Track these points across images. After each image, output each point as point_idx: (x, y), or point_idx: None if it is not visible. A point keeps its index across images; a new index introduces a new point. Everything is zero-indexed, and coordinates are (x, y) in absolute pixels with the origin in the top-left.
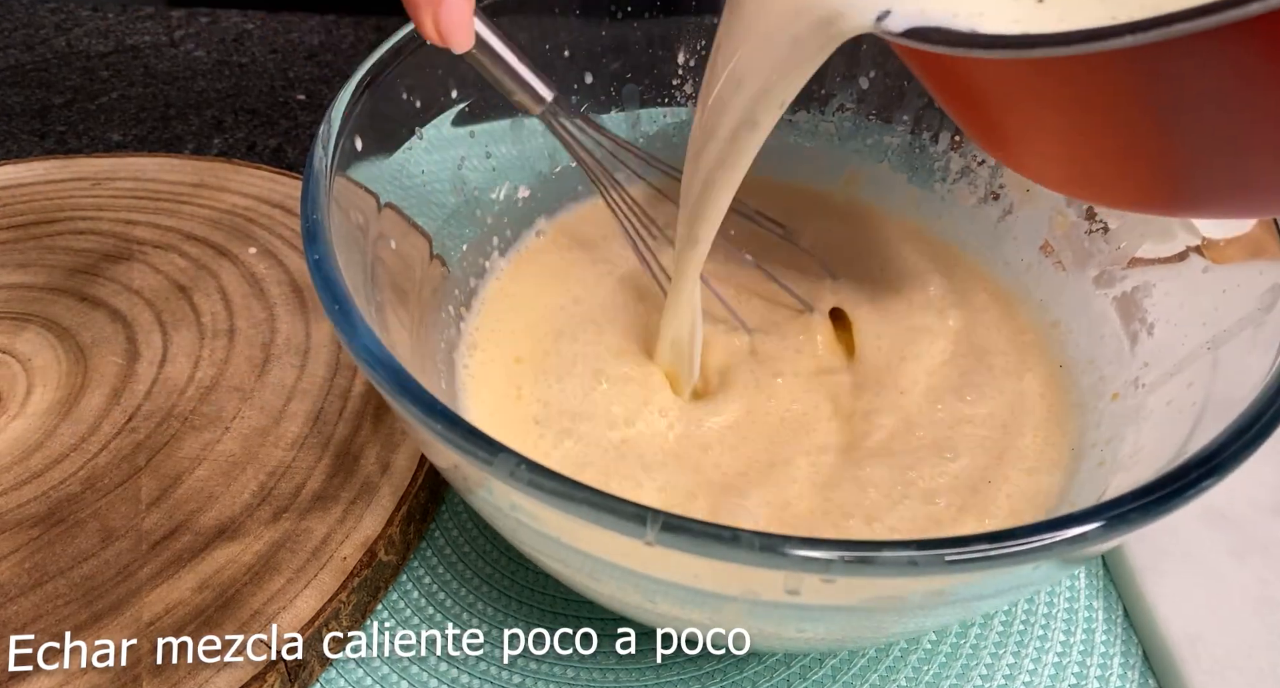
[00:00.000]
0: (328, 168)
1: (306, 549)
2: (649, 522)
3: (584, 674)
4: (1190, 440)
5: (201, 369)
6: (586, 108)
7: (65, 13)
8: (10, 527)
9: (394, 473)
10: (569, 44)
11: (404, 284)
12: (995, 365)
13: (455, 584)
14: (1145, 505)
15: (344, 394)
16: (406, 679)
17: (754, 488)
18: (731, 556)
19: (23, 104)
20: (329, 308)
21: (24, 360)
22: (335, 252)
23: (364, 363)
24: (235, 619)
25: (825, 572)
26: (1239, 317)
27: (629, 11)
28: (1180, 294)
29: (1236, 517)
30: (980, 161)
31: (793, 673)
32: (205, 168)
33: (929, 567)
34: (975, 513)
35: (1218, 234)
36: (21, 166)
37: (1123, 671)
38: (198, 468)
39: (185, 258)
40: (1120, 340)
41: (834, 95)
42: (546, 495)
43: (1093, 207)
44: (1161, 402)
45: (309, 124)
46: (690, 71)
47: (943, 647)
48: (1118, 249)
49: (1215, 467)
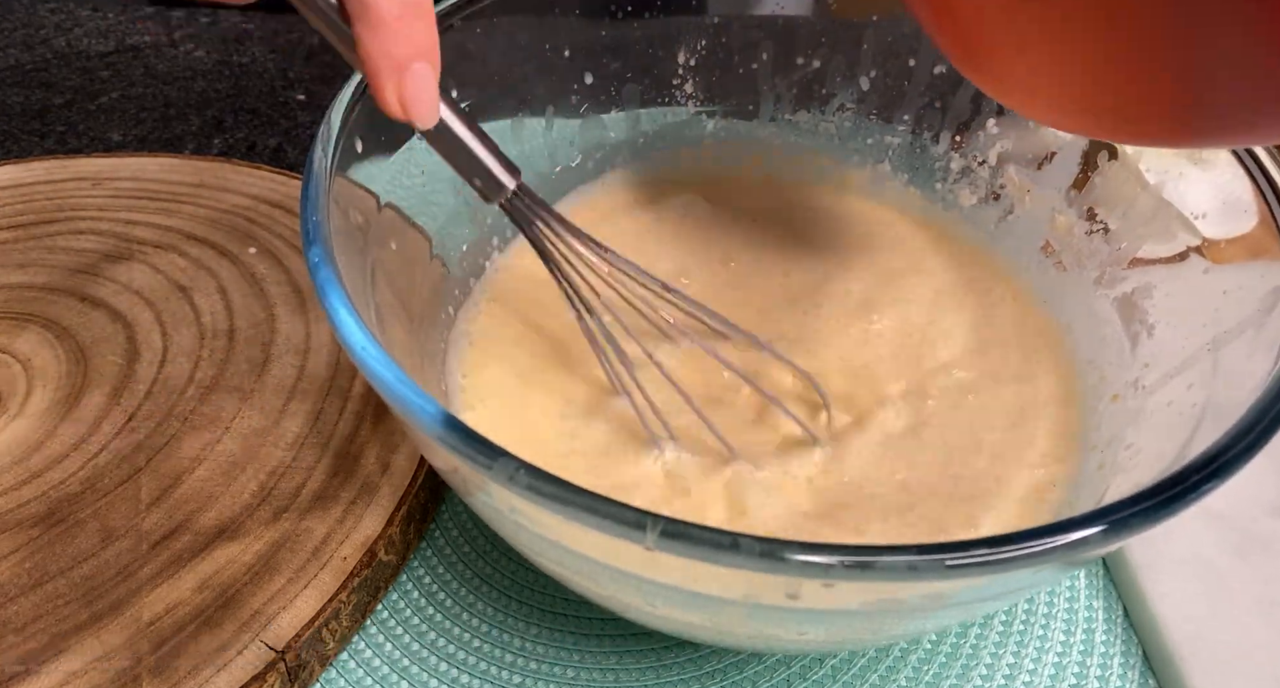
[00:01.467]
0: (328, 168)
1: (306, 549)
2: (649, 527)
3: (584, 674)
4: (1191, 443)
5: (201, 369)
6: (586, 108)
7: (65, 13)
8: (10, 527)
9: (394, 473)
10: (569, 44)
11: (403, 285)
12: (1007, 365)
13: (455, 584)
14: (1145, 510)
15: (344, 394)
16: (406, 679)
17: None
18: (732, 561)
19: (23, 104)
20: (328, 309)
21: (24, 360)
22: (334, 252)
23: (362, 364)
24: (235, 619)
25: (825, 577)
26: (1240, 318)
27: (629, 11)
28: (1181, 295)
29: (1237, 517)
30: (981, 162)
31: (793, 673)
32: (205, 168)
33: (928, 572)
34: (983, 515)
35: (1218, 234)
36: (21, 167)
37: (1123, 671)
38: (198, 468)
39: (185, 258)
40: (1121, 342)
41: (834, 95)
42: (546, 500)
43: (1093, 207)
44: (1162, 403)
45: (309, 124)
46: (690, 71)
47: (943, 647)
48: (1118, 250)
49: (1216, 471)
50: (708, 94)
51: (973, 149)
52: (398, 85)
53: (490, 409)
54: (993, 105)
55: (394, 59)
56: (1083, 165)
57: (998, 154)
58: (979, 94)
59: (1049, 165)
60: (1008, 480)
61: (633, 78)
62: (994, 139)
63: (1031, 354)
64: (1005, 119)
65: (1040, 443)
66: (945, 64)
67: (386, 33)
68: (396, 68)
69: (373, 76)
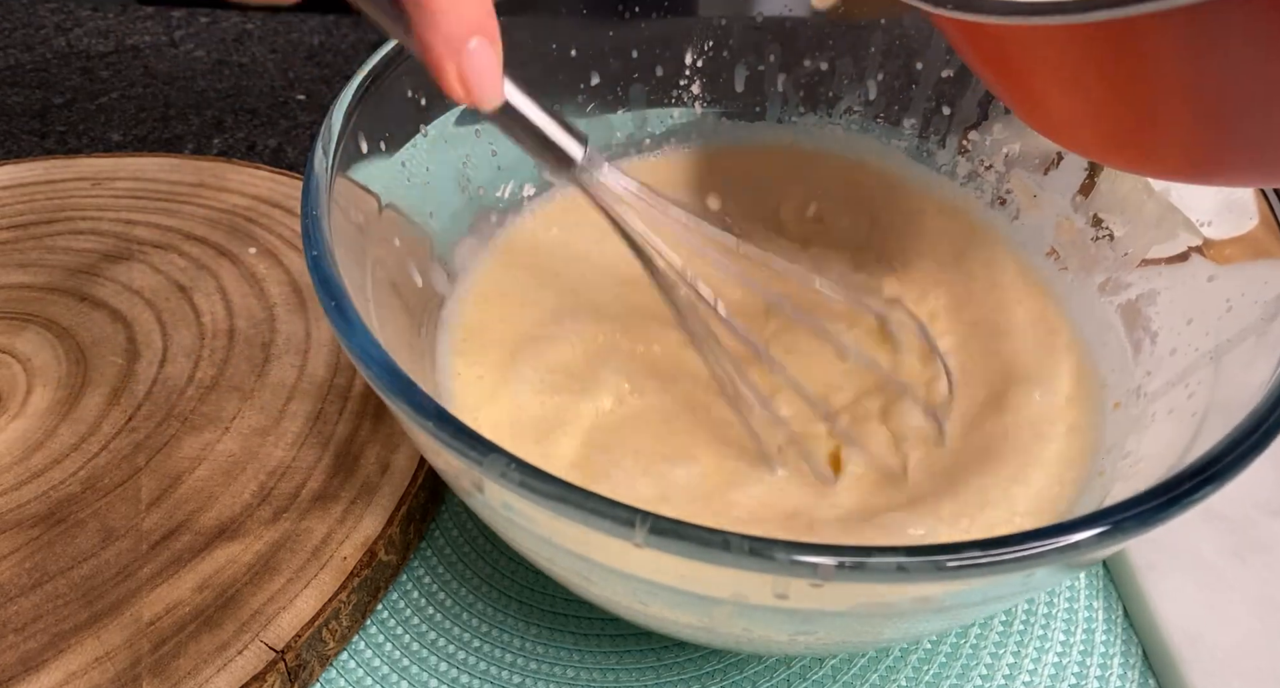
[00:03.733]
0: (328, 167)
1: (306, 549)
2: (638, 524)
3: (584, 674)
4: (1189, 451)
5: (201, 369)
6: (593, 108)
7: (65, 13)
8: (10, 527)
9: (394, 473)
10: (576, 44)
11: (404, 284)
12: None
13: (455, 584)
14: (1140, 515)
15: (344, 394)
16: (406, 680)
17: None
18: (720, 559)
19: (23, 104)
20: (326, 305)
21: (24, 360)
22: (334, 249)
23: (358, 359)
24: (235, 619)
25: (814, 576)
26: (1243, 326)
27: (636, 12)
28: (1185, 302)
29: (1237, 517)
30: (988, 166)
31: (793, 673)
32: (205, 168)
33: (919, 573)
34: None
35: (1218, 234)
36: (21, 166)
37: (1123, 671)
38: (198, 468)
39: (185, 258)
40: (1124, 348)
41: (841, 98)
42: (536, 496)
43: (1099, 213)
44: (1163, 411)
45: (309, 124)
46: (697, 72)
47: (943, 647)
48: (1124, 256)
49: (1211, 477)
50: (715, 95)
51: (979, 153)
52: (458, 66)
53: (490, 407)
54: (999, 110)
55: (450, 39)
56: (1089, 170)
57: (1004, 158)
58: (986, 98)
59: (1055, 170)
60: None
61: (640, 78)
62: (1000, 143)
63: (1057, 358)
64: (1012, 124)
65: (1061, 448)
66: (952, 68)
67: (438, 12)
68: (454, 49)
69: (432, 61)
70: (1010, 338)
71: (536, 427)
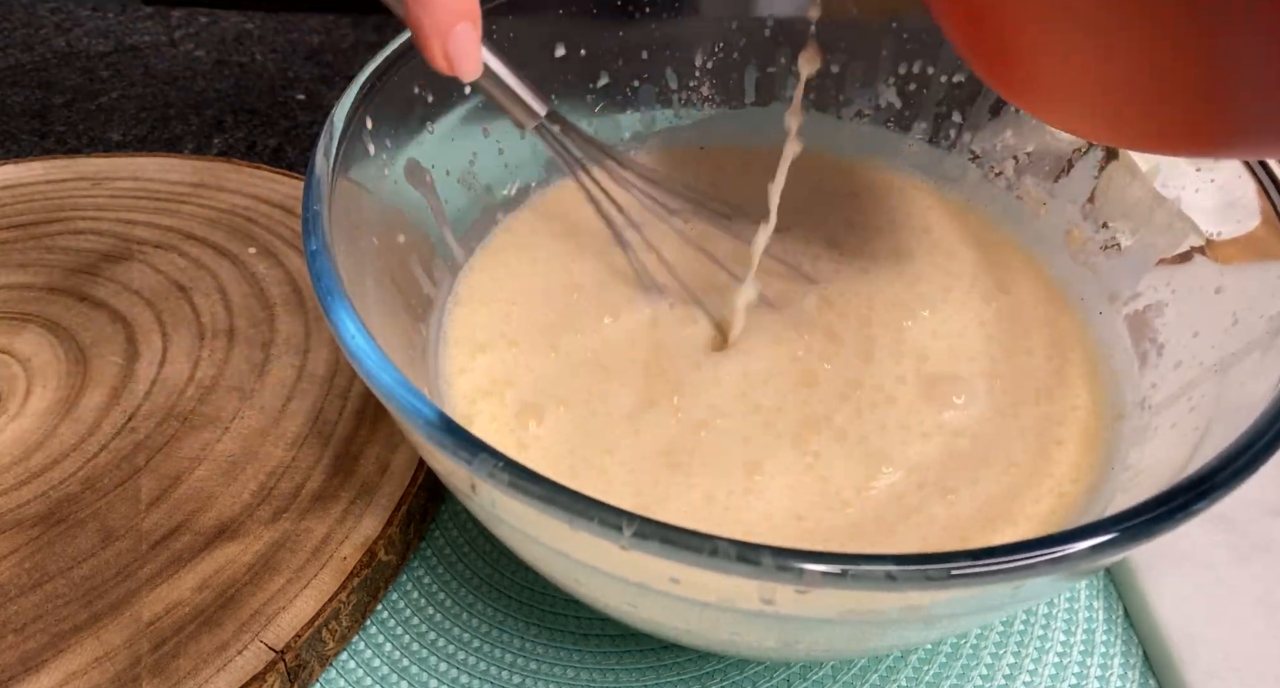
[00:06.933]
0: (331, 164)
1: (306, 549)
2: (624, 525)
3: (584, 674)
4: (1189, 464)
5: (201, 369)
6: (602, 108)
7: (65, 13)
8: (10, 527)
9: (394, 473)
10: (584, 44)
11: (405, 281)
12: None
13: (455, 584)
14: (1135, 527)
15: (344, 394)
16: (406, 680)
17: (768, 476)
18: (708, 563)
19: (23, 104)
20: (322, 299)
21: (24, 360)
22: (333, 244)
23: (351, 355)
24: (235, 619)
25: (799, 583)
26: (1248, 339)
27: (645, 13)
28: (1192, 314)
29: (1237, 518)
30: (998, 173)
31: (793, 673)
32: (205, 168)
33: (907, 582)
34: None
35: (1219, 234)
36: (21, 166)
37: (1123, 671)
38: (197, 468)
39: (185, 258)
40: (1131, 360)
41: (851, 102)
42: (525, 496)
43: (1108, 221)
44: (1166, 424)
45: (309, 124)
46: (706, 73)
47: (943, 647)
48: (1133, 264)
49: (1207, 489)
50: (723, 96)
51: (989, 160)
52: (443, 45)
53: (488, 406)
54: (1010, 116)
55: (439, 24)
56: (1099, 178)
57: (1015, 165)
58: (997, 104)
59: (1066, 178)
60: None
61: (649, 78)
62: (1010, 150)
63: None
64: (1022, 131)
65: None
66: (963, 74)
67: (431, 1)
68: (442, 32)
69: (420, 39)
70: (1018, 346)
71: (536, 426)
